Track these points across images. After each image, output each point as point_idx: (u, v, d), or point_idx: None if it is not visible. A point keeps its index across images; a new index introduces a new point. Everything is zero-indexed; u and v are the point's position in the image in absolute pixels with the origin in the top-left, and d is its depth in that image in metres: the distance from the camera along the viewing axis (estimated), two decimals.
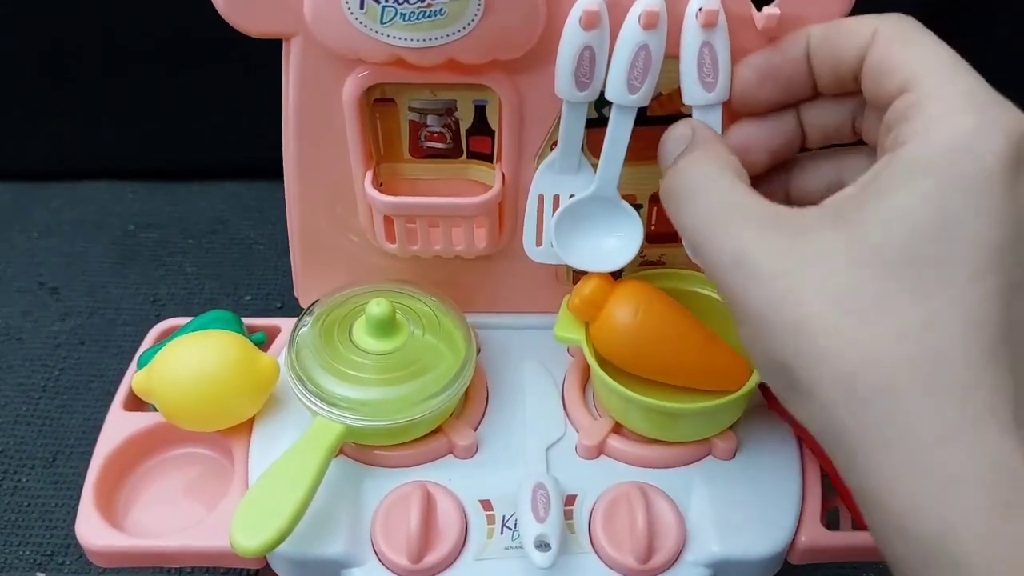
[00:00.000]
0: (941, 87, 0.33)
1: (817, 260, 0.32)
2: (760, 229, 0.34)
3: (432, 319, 0.49)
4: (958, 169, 0.31)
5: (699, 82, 0.43)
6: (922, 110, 0.33)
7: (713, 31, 0.42)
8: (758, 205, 0.35)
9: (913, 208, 0.31)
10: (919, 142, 0.32)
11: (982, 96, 0.33)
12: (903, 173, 0.32)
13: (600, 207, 0.48)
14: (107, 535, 0.45)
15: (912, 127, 0.33)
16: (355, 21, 0.42)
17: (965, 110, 0.32)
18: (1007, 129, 0.31)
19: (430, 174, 0.50)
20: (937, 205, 0.31)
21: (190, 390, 0.46)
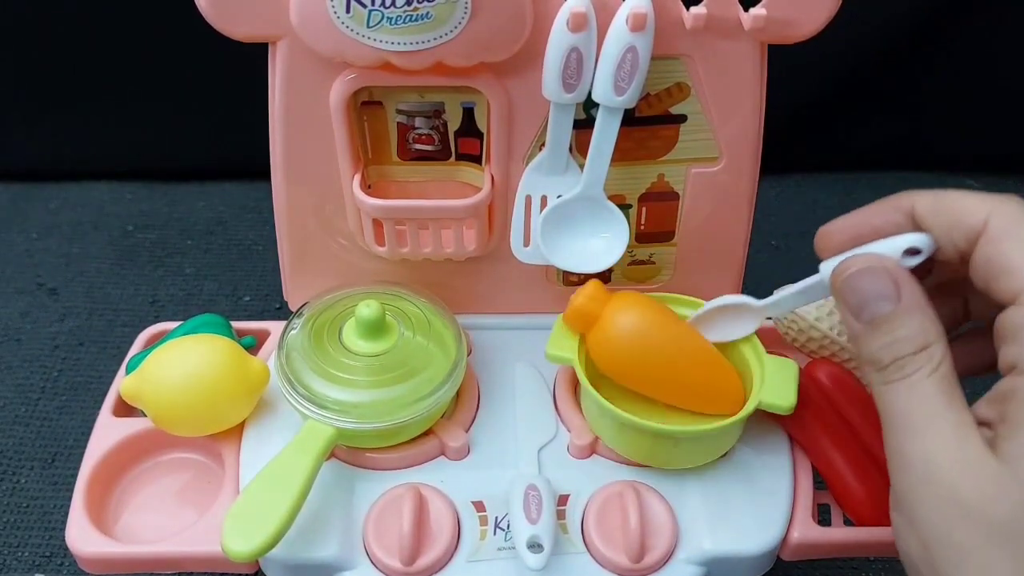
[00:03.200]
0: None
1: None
2: (981, 483, 0.33)
3: (422, 320, 0.49)
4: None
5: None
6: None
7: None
8: (978, 453, 0.33)
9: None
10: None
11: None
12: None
13: (586, 208, 0.48)
14: (97, 542, 0.45)
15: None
16: (341, 25, 0.42)
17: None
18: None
19: (419, 176, 0.50)
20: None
21: (179, 395, 0.46)
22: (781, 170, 0.89)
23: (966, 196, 0.36)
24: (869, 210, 0.40)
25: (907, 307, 0.35)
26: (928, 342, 0.35)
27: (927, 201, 0.37)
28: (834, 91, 0.87)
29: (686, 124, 0.48)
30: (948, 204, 0.37)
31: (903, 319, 0.35)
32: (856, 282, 0.37)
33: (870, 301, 0.36)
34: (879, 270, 0.36)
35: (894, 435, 0.35)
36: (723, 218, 0.52)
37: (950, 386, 0.34)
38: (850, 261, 0.37)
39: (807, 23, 0.44)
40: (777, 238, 0.84)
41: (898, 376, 0.35)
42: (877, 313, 0.36)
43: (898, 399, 0.35)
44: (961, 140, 0.90)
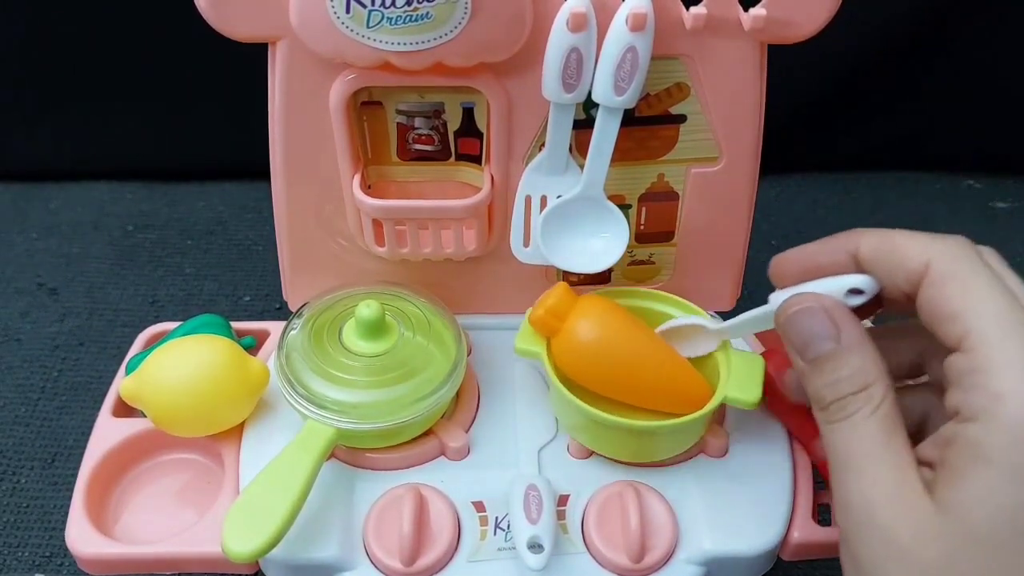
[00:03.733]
0: (1002, 355, 0.32)
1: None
2: (915, 525, 0.33)
3: (422, 320, 0.49)
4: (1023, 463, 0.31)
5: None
6: (984, 382, 0.32)
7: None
8: (915, 495, 0.34)
9: (986, 498, 0.32)
10: (985, 425, 0.32)
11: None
12: (972, 458, 0.32)
13: (586, 208, 0.48)
14: (97, 543, 0.45)
15: (975, 401, 0.33)
16: (341, 25, 0.42)
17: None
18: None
19: (418, 176, 0.50)
20: (1011, 496, 0.31)
21: (179, 396, 0.46)
22: (781, 170, 0.89)
23: (909, 238, 0.37)
24: (818, 246, 0.40)
25: (847, 347, 0.36)
26: (868, 382, 0.35)
27: (871, 243, 0.38)
28: (834, 91, 0.87)
29: (686, 124, 0.48)
30: (890, 247, 0.37)
31: (843, 358, 0.36)
32: (797, 322, 0.38)
33: (812, 340, 0.37)
34: (818, 310, 0.37)
35: (836, 475, 0.36)
36: (723, 218, 0.52)
37: (891, 425, 0.35)
38: (792, 300, 0.38)
39: (807, 23, 0.44)
40: (777, 238, 0.84)
41: (840, 416, 0.36)
42: (819, 352, 0.37)
43: (840, 439, 0.36)
44: (961, 140, 0.90)
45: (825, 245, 0.40)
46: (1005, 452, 0.31)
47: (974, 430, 0.32)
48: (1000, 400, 0.32)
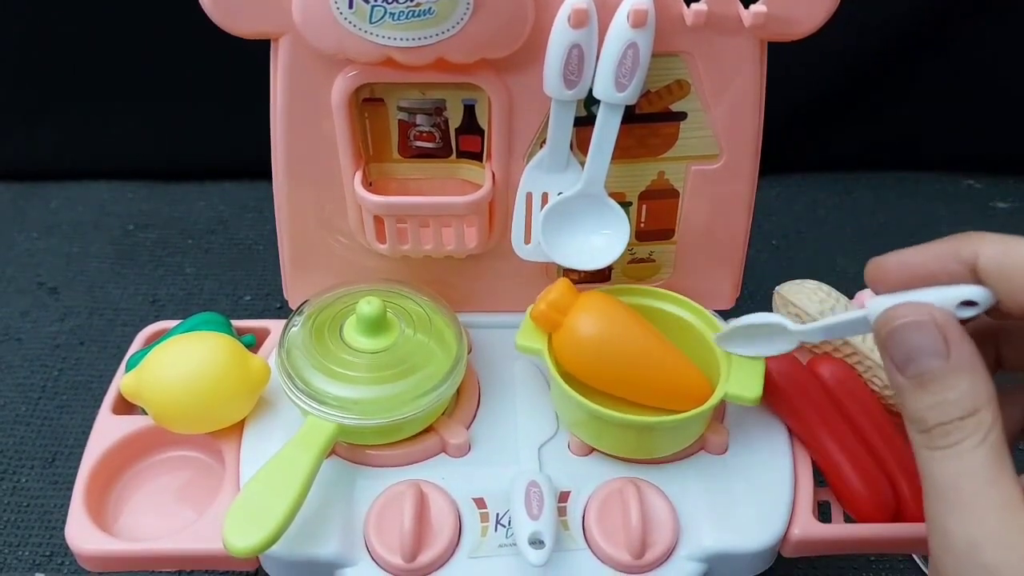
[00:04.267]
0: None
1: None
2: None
3: (423, 318, 0.49)
4: None
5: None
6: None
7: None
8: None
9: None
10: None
11: None
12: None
13: (587, 205, 0.48)
14: (97, 539, 0.45)
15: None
16: (344, 21, 0.42)
17: None
18: None
19: (420, 173, 0.50)
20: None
21: (180, 392, 0.45)
22: (781, 170, 0.89)
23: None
24: (926, 251, 0.36)
25: (957, 366, 0.33)
26: (977, 406, 0.32)
27: (993, 254, 0.34)
28: (834, 91, 0.87)
29: (686, 121, 0.48)
30: (1014, 261, 0.34)
31: (952, 379, 0.33)
32: (904, 334, 0.34)
33: (917, 356, 0.33)
34: (929, 324, 0.34)
35: (936, 507, 0.33)
36: (723, 216, 0.52)
37: (999, 457, 0.32)
38: (899, 310, 0.35)
39: (807, 20, 0.44)
40: (777, 238, 0.84)
41: (944, 443, 0.33)
42: (924, 370, 0.33)
43: (943, 470, 0.33)
44: (961, 140, 0.90)
45: (934, 250, 0.36)
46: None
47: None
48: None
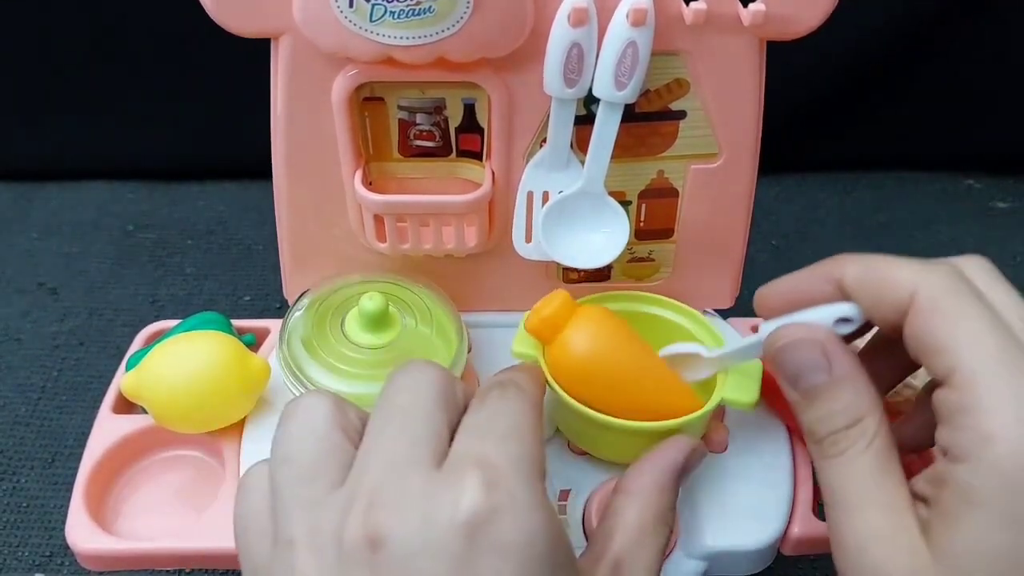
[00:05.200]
0: (991, 394, 0.31)
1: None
2: (909, 570, 0.33)
3: (424, 310, 0.49)
4: (1015, 508, 0.30)
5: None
6: (973, 423, 0.32)
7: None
8: (909, 538, 0.33)
9: (978, 545, 0.31)
10: (974, 468, 0.31)
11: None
12: (963, 502, 0.31)
13: (587, 203, 0.48)
14: (98, 538, 0.45)
15: (964, 442, 0.32)
16: (344, 19, 0.42)
17: (1018, 431, 0.31)
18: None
19: (420, 172, 0.50)
20: (1004, 542, 0.31)
21: (180, 392, 0.45)
22: (781, 170, 0.89)
23: (894, 266, 0.36)
24: (801, 276, 0.40)
25: (838, 379, 0.36)
26: (861, 415, 0.35)
27: (855, 271, 0.37)
28: (834, 91, 0.87)
29: (685, 120, 0.48)
30: (875, 275, 0.36)
31: (835, 391, 0.36)
32: (789, 353, 0.37)
33: (803, 372, 0.37)
34: (808, 342, 0.37)
35: (830, 512, 0.35)
36: (722, 215, 0.52)
37: (885, 461, 0.34)
38: (780, 332, 0.38)
39: (806, 19, 0.44)
40: (777, 238, 0.84)
41: (833, 452, 0.35)
42: (811, 385, 0.36)
43: (833, 476, 0.35)
44: (961, 140, 0.90)
45: (808, 274, 0.39)
46: (996, 497, 0.31)
47: (964, 472, 0.31)
48: (990, 442, 0.31)
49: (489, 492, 0.31)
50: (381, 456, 0.33)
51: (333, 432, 0.35)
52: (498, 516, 0.31)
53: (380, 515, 0.31)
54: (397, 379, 0.37)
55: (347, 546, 0.31)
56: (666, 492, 0.40)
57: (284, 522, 0.33)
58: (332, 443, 0.34)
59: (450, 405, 0.36)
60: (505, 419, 0.35)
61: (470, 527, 0.30)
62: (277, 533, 0.33)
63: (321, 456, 0.34)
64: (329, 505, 0.32)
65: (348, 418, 0.36)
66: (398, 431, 0.34)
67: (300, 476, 0.34)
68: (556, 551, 0.32)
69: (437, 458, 0.33)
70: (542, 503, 0.32)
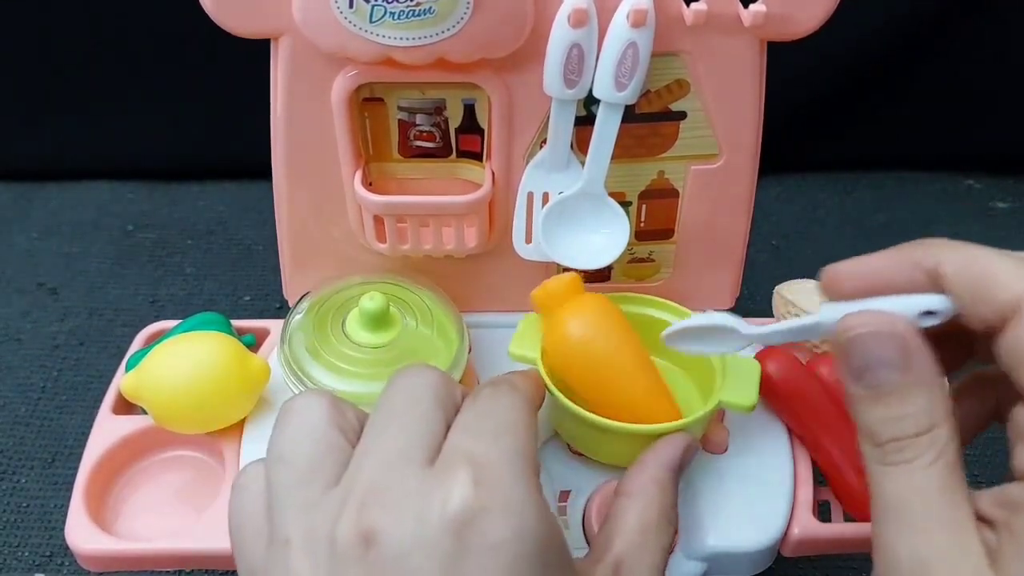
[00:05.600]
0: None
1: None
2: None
3: (425, 310, 0.50)
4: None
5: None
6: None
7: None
8: (975, 563, 0.30)
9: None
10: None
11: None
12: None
13: (587, 204, 0.48)
14: (98, 539, 0.45)
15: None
16: (344, 20, 0.42)
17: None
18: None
19: (419, 173, 0.50)
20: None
21: (180, 392, 0.45)
22: (781, 170, 0.89)
23: (1002, 263, 0.32)
24: (886, 259, 0.35)
25: (916, 381, 0.32)
26: (934, 423, 0.32)
27: (955, 263, 0.33)
28: (834, 91, 0.87)
29: (686, 121, 0.48)
30: (980, 272, 0.32)
31: (910, 394, 0.32)
32: (863, 343, 0.33)
33: (876, 367, 0.33)
34: (890, 335, 0.33)
35: (885, 525, 0.32)
36: (722, 215, 0.52)
37: (954, 477, 0.31)
38: (860, 317, 0.33)
39: (806, 20, 0.44)
40: (777, 238, 0.84)
41: (897, 459, 0.32)
42: (882, 381, 0.32)
43: (895, 486, 0.32)
44: (961, 140, 0.90)
45: (895, 257, 0.35)
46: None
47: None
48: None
49: (478, 489, 0.31)
50: (376, 455, 0.33)
51: (330, 432, 0.35)
52: (487, 513, 0.31)
53: (373, 513, 0.31)
54: (396, 381, 0.37)
55: (340, 545, 0.31)
56: (666, 490, 0.40)
57: (280, 522, 0.33)
58: (329, 443, 0.34)
59: (448, 407, 0.36)
60: (497, 416, 0.35)
61: (459, 524, 0.30)
62: (273, 533, 0.33)
63: (318, 456, 0.34)
64: (324, 505, 0.32)
65: (346, 417, 0.36)
66: (395, 431, 0.34)
67: (296, 476, 0.33)
68: (548, 549, 0.32)
69: (431, 456, 0.33)
70: (534, 500, 0.32)
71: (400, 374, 0.37)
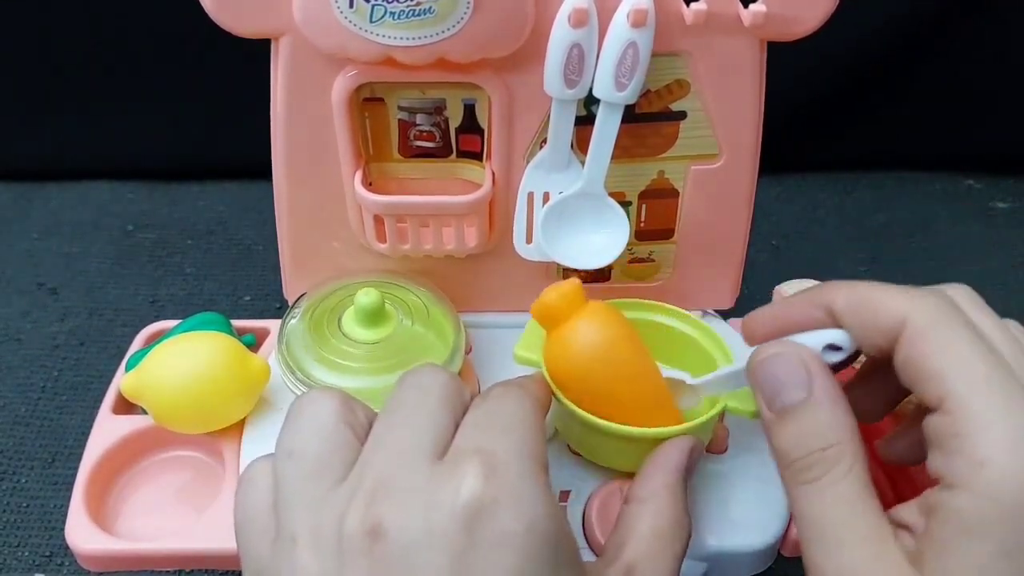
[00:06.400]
0: (983, 419, 0.31)
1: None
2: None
3: (421, 309, 0.50)
4: (1013, 536, 0.30)
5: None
6: (966, 448, 0.31)
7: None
8: (898, 569, 0.32)
9: (976, 573, 0.30)
10: (968, 495, 0.30)
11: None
12: (957, 531, 0.30)
13: (587, 204, 0.48)
14: (98, 539, 0.45)
15: (957, 468, 0.31)
16: (345, 20, 0.42)
17: (1012, 456, 0.30)
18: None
19: (420, 173, 0.50)
20: (1003, 571, 0.30)
21: (180, 392, 0.45)
22: (781, 170, 0.89)
23: (885, 293, 0.35)
24: (791, 303, 0.39)
25: (818, 399, 0.34)
26: (839, 439, 0.34)
27: (845, 297, 0.36)
28: (834, 91, 0.87)
29: (686, 121, 0.48)
30: (866, 301, 0.35)
31: (813, 410, 0.34)
32: (768, 368, 0.36)
33: (781, 389, 0.35)
34: (792, 356, 0.36)
35: (808, 545, 0.34)
36: (723, 215, 0.52)
37: (863, 490, 0.33)
38: (766, 347, 0.37)
39: (806, 20, 0.44)
40: (777, 238, 0.84)
41: (807, 477, 0.34)
42: (788, 403, 0.35)
43: (810, 505, 0.34)
44: (961, 140, 0.90)
45: (798, 301, 0.38)
46: (991, 524, 0.30)
47: (958, 500, 0.30)
48: (983, 467, 0.30)
49: (489, 482, 0.31)
50: (385, 451, 0.33)
51: (340, 428, 0.35)
52: (498, 506, 0.31)
53: (381, 507, 0.31)
54: (406, 380, 0.37)
55: (347, 539, 0.31)
56: (677, 495, 0.40)
57: (287, 518, 0.33)
58: (339, 439, 0.34)
59: (457, 406, 0.36)
60: (507, 413, 0.35)
61: (469, 517, 0.30)
62: (279, 529, 0.33)
63: (327, 452, 0.34)
64: (332, 501, 0.32)
65: (356, 415, 0.36)
66: (404, 427, 0.34)
67: (305, 472, 0.33)
68: (558, 544, 0.32)
69: (440, 452, 0.33)
70: (544, 495, 0.32)
71: (410, 373, 0.37)
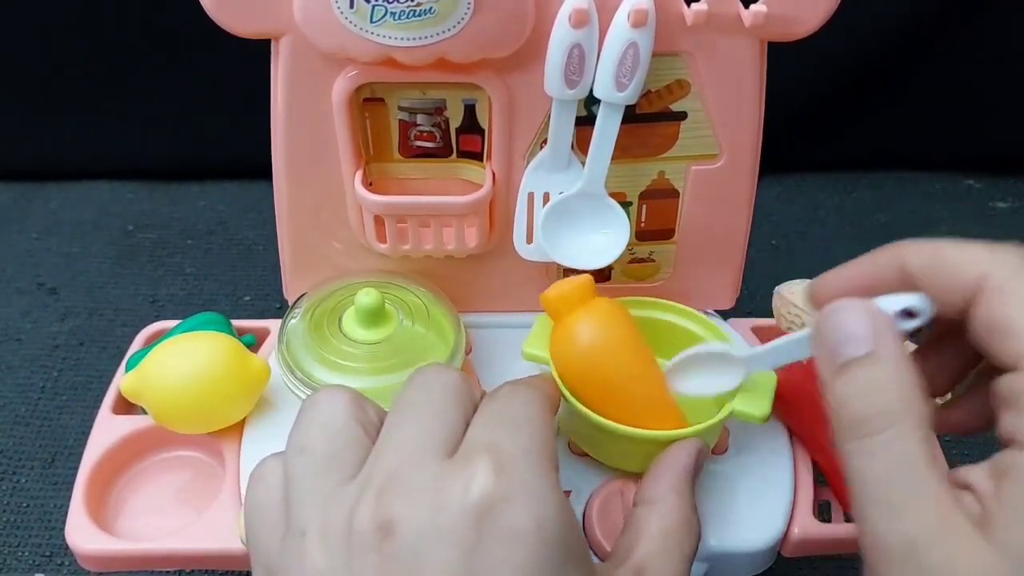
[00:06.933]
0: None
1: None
2: (975, 571, 0.29)
3: (421, 309, 0.50)
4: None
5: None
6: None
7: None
8: (967, 536, 0.29)
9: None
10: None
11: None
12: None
13: (588, 204, 0.48)
14: (98, 539, 0.45)
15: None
16: (345, 20, 0.42)
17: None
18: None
19: (420, 173, 0.50)
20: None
21: (180, 392, 0.45)
22: (781, 170, 0.89)
23: (961, 249, 0.33)
24: (861, 265, 0.36)
25: (885, 354, 0.32)
26: (904, 395, 0.31)
27: (919, 256, 0.34)
28: (834, 91, 0.87)
29: (686, 121, 0.48)
30: (941, 260, 0.33)
31: (878, 363, 0.32)
32: (835, 318, 0.34)
33: (846, 342, 0.33)
34: (861, 309, 0.33)
35: (865, 507, 0.31)
36: (723, 216, 0.52)
37: (930, 450, 0.30)
38: (835, 302, 0.34)
39: (807, 20, 0.44)
40: (777, 238, 0.84)
41: (868, 430, 0.31)
42: (853, 355, 0.33)
43: (868, 465, 0.31)
44: (961, 140, 0.90)
45: (869, 262, 0.36)
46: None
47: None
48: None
49: (499, 479, 0.31)
50: (395, 448, 0.33)
51: (351, 426, 0.35)
52: (508, 501, 0.31)
53: (391, 503, 0.31)
54: (415, 378, 0.37)
55: (357, 535, 0.31)
56: (685, 496, 0.40)
57: (297, 514, 0.33)
58: (349, 437, 0.34)
59: (466, 404, 0.36)
60: (516, 411, 0.35)
61: (479, 513, 0.30)
62: (289, 525, 0.33)
63: (337, 449, 0.34)
64: (342, 497, 0.32)
65: (367, 413, 0.36)
66: (414, 425, 0.34)
67: (315, 468, 0.33)
68: (567, 541, 0.32)
69: (450, 449, 0.33)
70: (554, 492, 0.32)
71: (419, 372, 0.37)
